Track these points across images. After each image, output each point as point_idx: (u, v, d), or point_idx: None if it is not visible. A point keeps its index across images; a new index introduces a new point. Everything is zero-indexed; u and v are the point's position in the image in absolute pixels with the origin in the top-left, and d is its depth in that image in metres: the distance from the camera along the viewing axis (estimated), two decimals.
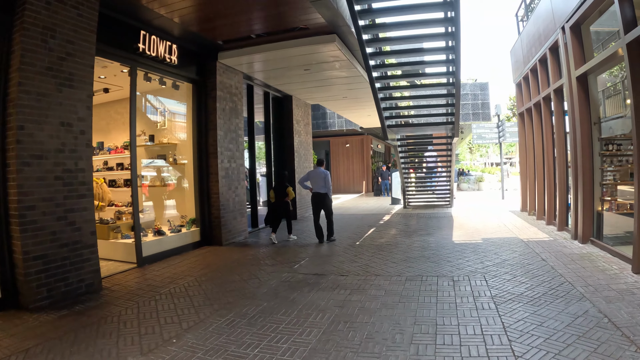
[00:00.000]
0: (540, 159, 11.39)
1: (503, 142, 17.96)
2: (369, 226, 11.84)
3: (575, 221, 8.34)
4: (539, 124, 11.40)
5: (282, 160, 14.13)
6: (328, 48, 9.02)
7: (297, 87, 13.04)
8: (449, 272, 6.57)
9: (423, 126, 12.63)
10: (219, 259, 8.28)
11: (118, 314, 5.12)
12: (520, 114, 13.25)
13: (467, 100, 22.41)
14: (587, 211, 7.95)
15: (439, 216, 13.31)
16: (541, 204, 11.34)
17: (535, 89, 11.45)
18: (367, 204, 18.48)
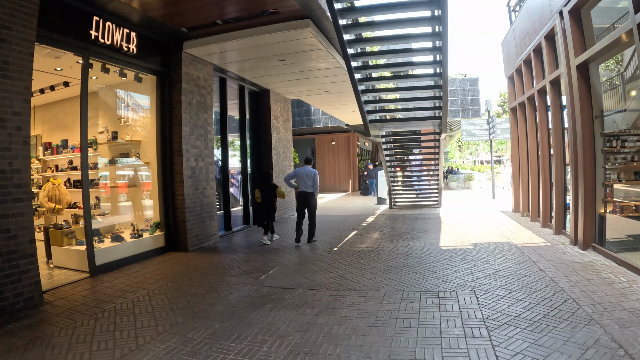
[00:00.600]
0: (534, 156, 10.61)
1: (493, 139, 17.18)
2: (350, 229, 10.99)
3: (575, 225, 7.55)
4: (532, 118, 10.62)
5: (259, 158, 13.29)
6: (302, 34, 8.16)
7: (274, 81, 12.20)
8: (434, 285, 5.73)
9: (408, 121, 11.76)
10: (181, 267, 7.45)
11: (50, 336, 4.44)
12: (512, 109, 12.47)
13: (456, 96, 21.66)
14: (588, 214, 7.15)
15: (426, 217, 12.50)
16: (535, 204, 10.55)
17: (528, 82, 10.66)
18: (352, 204, 17.64)
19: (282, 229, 11.27)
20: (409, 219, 12.34)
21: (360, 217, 13.30)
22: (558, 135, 8.72)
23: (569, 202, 8.74)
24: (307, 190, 8.96)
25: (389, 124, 11.93)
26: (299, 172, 9.07)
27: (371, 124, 11.11)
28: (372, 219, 12.70)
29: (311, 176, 8.95)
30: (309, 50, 9.17)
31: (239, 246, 9.30)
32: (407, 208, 15.28)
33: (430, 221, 11.73)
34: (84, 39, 6.75)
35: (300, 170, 9.11)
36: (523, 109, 11.39)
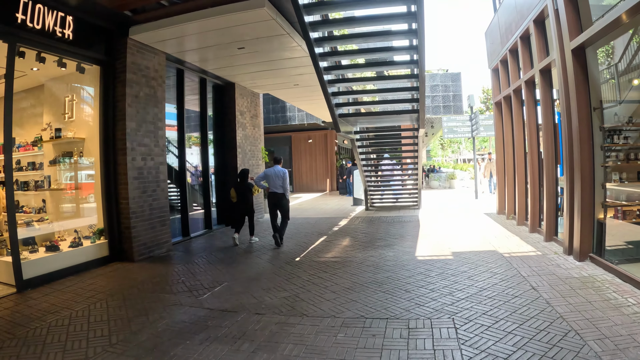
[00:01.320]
0: (521, 154, 9.68)
1: (476, 136, 16.25)
2: (319, 234, 9.95)
3: (570, 232, 6.59)
4: (519, 113, 9.67)
5: (223, 157, 12.27)
6: (258, 16, 7.11)
7: (238, 73, 11.16)
8: (405, 310, 4.70)
9: (383, 116, 10.73)
10: (119, 281, 6.47)
11: None
12: (496, 103, 11.53)
13: (437, 92, 20.76)
14: (585, 220, 6.19)
15: (404, 220, 11.51)
16: (522, 207, 9.61)
17: (515, 73, 9.71)
18: (327, 205, 16.59)
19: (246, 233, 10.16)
20: (384, 223, 11.33)
21: (333, 220, 12.25)
22: (549, 131, 7.76)
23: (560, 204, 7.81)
24: (277, 191, 8.64)
25: (363, 118, 10.89)
26: (269, 173, 8.72)
27: (342, 118, 10.06)
28: (345, 222, 11.66)
29: (280, 176, 8.63)
30: (269, 36, 8.13)
31: (193, 254, 8.30)
32: (384, 210, 14.28)
33: (408, 225, 10.74)
34: (9, 23, 5.87)
35: (270, 171, 8.75)
36: (509, 102, 10.46)
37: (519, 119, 9.65)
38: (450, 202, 15.87)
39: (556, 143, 7.70)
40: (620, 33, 5.71)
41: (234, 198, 8.97)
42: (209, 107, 11.62)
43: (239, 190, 8.94)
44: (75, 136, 7.81)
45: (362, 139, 12.72)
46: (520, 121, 9.63)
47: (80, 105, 8.18)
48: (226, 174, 12.12)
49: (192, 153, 11.29)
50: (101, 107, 7.79)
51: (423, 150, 52.85)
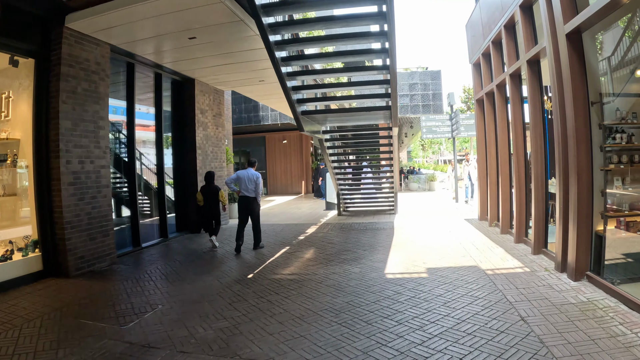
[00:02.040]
0: (505, 155, 8.78)
1: (457, 136, 15.39)
2: (282, 244, 8.94)
3: (564, 245, 5.68)
4: (503, 110, 8.77)
5: (181, 158, 11.21)
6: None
7: (197, 67, 10.10)
8: (363, 353, 3.69)
9: (352, 113, 9.71)
10: (44, 302, 5.47)
11: None
12: (478, 100, 10.63)
13: (416, 90, 19.91)
14: (582, 232, 5.28)
15: (377, 228, 10.55)
16: (507, 213, 8.71)
17: (498, 66, 8.82)
18: (299, 209, 15.59)
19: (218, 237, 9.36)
20: (355, 230, 10.36)
21: (301, 226, 11.25)
22: (538, 129, 6.86)
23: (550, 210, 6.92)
24: (249, 195, 8.30)
25: (331, 116, 9.85)
26: (241, 175, 8.32)
27: (307, 116, 9.04)
28: (314, 230, 10.66)
29: (253, 179, 8.30)
30: (221, 24, 7.12)
31: (138, 268, 7.27)
32: (358, 215, 13.32)
33: (381, 233, 9.78)
34: None
35: (242, 173, 8.35)
36: (491, 99, 9.57)
37: (503, 116, 8.76)
38: (429, 206, 14.96)
39: (546, 143, 6.80)
40: (622, 14, 4.82)
41: (201, 202, 8.62)
42: (165, 105, 10.57)
43: (205, 194, 8.61)
44: (10, 137, 6.94)
45: (332, 139, 11.71)
46: (504, 119, 8.74)
47: (16, 103, 7.14)
48: (185, 177, 11.06)
49: (147, 154, 10.20)
50: (34, 104, 6.78)
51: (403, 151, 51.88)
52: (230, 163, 14.51)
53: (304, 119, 8.92)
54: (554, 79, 5.73)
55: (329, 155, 11.50)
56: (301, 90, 8.35)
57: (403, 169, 26.43)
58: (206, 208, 8.65)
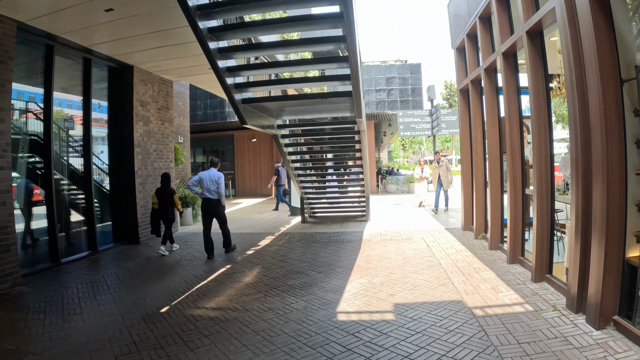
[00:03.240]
0: (496, 154, 7.28)
1: (437, 134, 13.89)
2: (225, 261, 7.46)
3: (581, 276, 4.17)
4: (493, 99, 7.28)
5: (117, 158, 9.56)
6: None
7: (132, 51, 8.46)
8: None
9: (304, 101, 8.03)
10: None
11: None
12: (462, 90, 9.14)
13: (394, 85, 18.44)
14: (611, 259, 3.78)
15: (343, 239, 9.01)
16: (497, 224, 7.23)
17: (487, 47, 7.34)
18: (262, 215, 13.98)
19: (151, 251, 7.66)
20: (317, 243, 8.79)
21: (257, 237, 9.68)
22: (541, 120, 5.34)
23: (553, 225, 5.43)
24: (212, 197, 7.83)
25: (285, 107, 8.21)
26: (203, 177, 7.85)
27: (250, 105, 7.39)
28: (269, 242, 9.08)
29: (215, 180, 7.82)
30: None
31: (39, 294, 5.74)
32: (325, 222, 11.75)
33: (345, 247, 8.22)
34: None
35: (205, 175, 7.88)
36: (478, 87, 8.10)
37: (492, 108, 7.25)
38: (406, 211, 13.41)
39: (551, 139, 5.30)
40: None
41: (155, 204, 8.20)
42: (94, 96, 8.90)
43: (160, 196, 8.19)
44: None
45: (291, 134, 10.07)
46: (494, 111, 7.24)
47: None
48: (121, 179, 9.42)
49: (73, 153, 8.53)
50: None
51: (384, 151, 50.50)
52: (182, 163, 12.78)
53: (248, 110, 7.29)
54: (569, 52, 4.21)
55: (287, 154, 9.88)
56: (243, 73, 6.69)
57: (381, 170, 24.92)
58: (161, 212, 8.19)
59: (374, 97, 18.58)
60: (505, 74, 6.29)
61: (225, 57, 6.26)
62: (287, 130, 9.82)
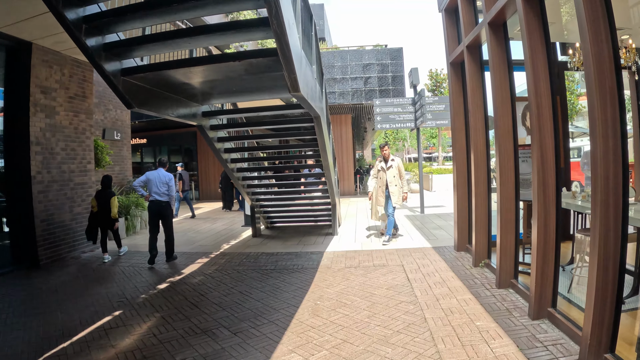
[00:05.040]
0: (508, 146, 4.90)
1: (422, 126, 11.56)
2: (120, 300, 5.11)
3: None
4: (503, 65, 4.90)
5: (12, 158, 7.29)
6: None
7: (21, 20, 6.18)
8: None
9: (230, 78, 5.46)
10: None
11: None
12: (454, 63, 6.82)
13: (372, 72, 16.14)
14: None
15: (294, 267, 6.68)
16: (509, 250, 4.90)
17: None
18: (212, 224, 11.66)
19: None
20: (257, 272, 6.45)
21: (188, 258, 7.54)
22: (607, 89, 2.97)
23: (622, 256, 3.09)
24: (161, 199, 7.22)
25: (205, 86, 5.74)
26: (151, 177, 7.26)
27: (144, 80, 4.93)
28: (197, 267, 6.82)
29: (165, 181, 7.24)
30: None
31: None
32: (282, 235, 9.43)
33: (293, 281, 5.88)
34: None
35: (153, 175, 7.28)
36: (477, 55, 5.79)
37: (503, 80, 4.89)
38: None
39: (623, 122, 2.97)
40: None
41: (95, 207, 7.60)
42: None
43: (100, 200, 7.58)
44: None
45: (225, 125, 7.61)
46: (504, 85, 4.88)
47: None
48: (15, 187, 7.22)
49: None
50: None
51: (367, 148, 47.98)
52: (108, 164, 10.31)
53: (142, 88, 4.88)
54: None
55: (221, 152, 7.49)
56: (116, 27, 4.23)
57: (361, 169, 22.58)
58: (100, 216, 7.55)
59: (349, 86, 16.24)
60: (527, 23, 3.94)
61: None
62: (222, 121, 7.41)
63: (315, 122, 6.31)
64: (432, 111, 11.51)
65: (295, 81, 3.96)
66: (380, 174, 8.16)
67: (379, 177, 8.15)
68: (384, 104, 12.03)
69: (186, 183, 13.68)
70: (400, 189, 8.04)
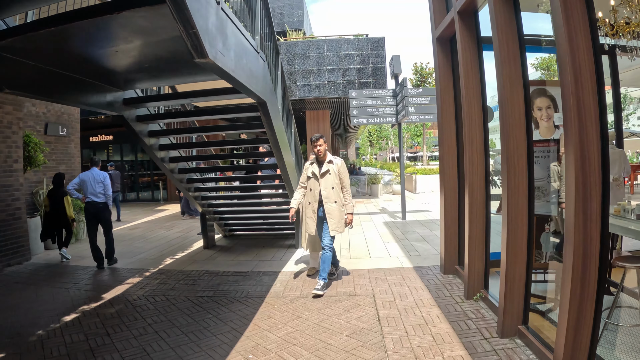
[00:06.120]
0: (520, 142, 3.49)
1: (404, 121, 10.20)
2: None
3: None
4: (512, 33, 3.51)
5: None
6: None
7: None
8: None
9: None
10: None
11: None
12: (441, 38, 5.44)
13: (350, 63, 14.74)
14: None
15: (236, 294, 5.29)
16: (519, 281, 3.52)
17: None
18: (167, 231, 10.24)
19: None
20: (189, 301, 5.04)
21: (117, 277, 6.11)
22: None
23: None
24: (97, 200, 6.74)
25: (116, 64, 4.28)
26: (85, 178, 6.80)
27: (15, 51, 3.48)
28: (125, 289, 5.44)
29: (100, 180, 6.79)
30: None
31: None
32: (239, 247, 8.03)
33: (228, 319, 4.47)
34: None
35: (86, 175, 6.82)
36: (473, 23, 4.41)
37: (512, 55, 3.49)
38: (357, 228, 9.61)
39: None
40: None
41: (47, 207, 7.33)
42: None
43: (52, 199, 7.23)
44: None
45: (160, 115, 6.15)
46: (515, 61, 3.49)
47: None
48: None
49: None
50: None
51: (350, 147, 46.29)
52: (43, 163, 8.78)
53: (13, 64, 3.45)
54: None
55: (154, 149, 6.04)
56: None
57: None
58: (52, 215, 7.24)
59: (325, 78, 14.82)
60: None
61: None
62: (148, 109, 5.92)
63: (261, 111, 4.85)
64: (416, 104, 10.17)
65: (196, 39, 2.53)
66: (311, 182, 5.30)
67: (309, 187, 5.33)
68: (361, 95, 10.63)
69: (116, 184, 12.50)
70: (342, 208, 5.23)
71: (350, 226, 5.39)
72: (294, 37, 16.92)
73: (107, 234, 6.95)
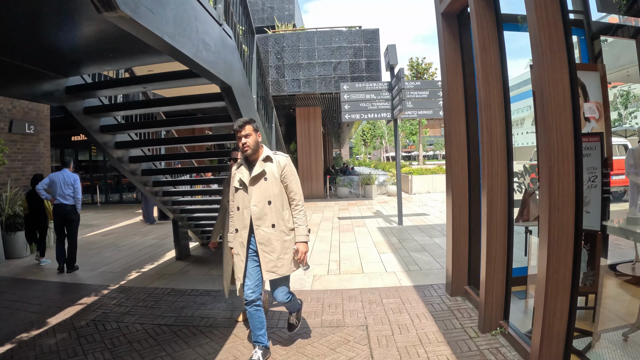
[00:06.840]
0: (565, 134, 2.58)
1: (400, 117, 9.32)
2: None
3: None
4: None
5: None
6: None
7: None
8: None
9: None
10: None
11: None
12: (446, 14, 4.54)
13: (343, 56, 13.88)
14: None
15: (203, 321, 4.40)
16: (560, 319, 2.61)
17: None
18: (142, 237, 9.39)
19: None
20: (148, 330, 4.15)
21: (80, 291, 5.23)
22: None
23: None
24: (66, 202, 6.54)
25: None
26: (55, 179, 6.61)
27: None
28: (76, 311, 4.55)
29: (70, 182, 6.59)
30: None
31: None
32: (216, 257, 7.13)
33: (196, 350, 3.61)
34: None
35: (56, 176, 6.63)
36: None
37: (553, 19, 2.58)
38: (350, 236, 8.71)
39: None
40: None
41: (26, 209, 7.40)
42: None
43: (30, 201, 7.28)
44: None
45: (114, 106, 5.21)
46: (557, 29, 2.58)
47: None
48: None
49: None
50: None
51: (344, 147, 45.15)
52: (2, 164, 7.87)
53: None
54: None
55: (109, 147, 5.12)
56: None
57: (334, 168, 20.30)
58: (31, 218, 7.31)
59: (315, 72, 13.93)
60: None
61: None
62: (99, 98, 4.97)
63: (226, 98, 3.92)
64: (413, 99, 9.28)
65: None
66: (238, 197, 3.26)
67: (236, 204, 3.28)
68: (353, 89, 9.72)
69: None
70: (287, 236, 3.22)
71: (304, 265, 3.30)
72: (283, 29, 16.00)
73: (71, 239, 6.66)
